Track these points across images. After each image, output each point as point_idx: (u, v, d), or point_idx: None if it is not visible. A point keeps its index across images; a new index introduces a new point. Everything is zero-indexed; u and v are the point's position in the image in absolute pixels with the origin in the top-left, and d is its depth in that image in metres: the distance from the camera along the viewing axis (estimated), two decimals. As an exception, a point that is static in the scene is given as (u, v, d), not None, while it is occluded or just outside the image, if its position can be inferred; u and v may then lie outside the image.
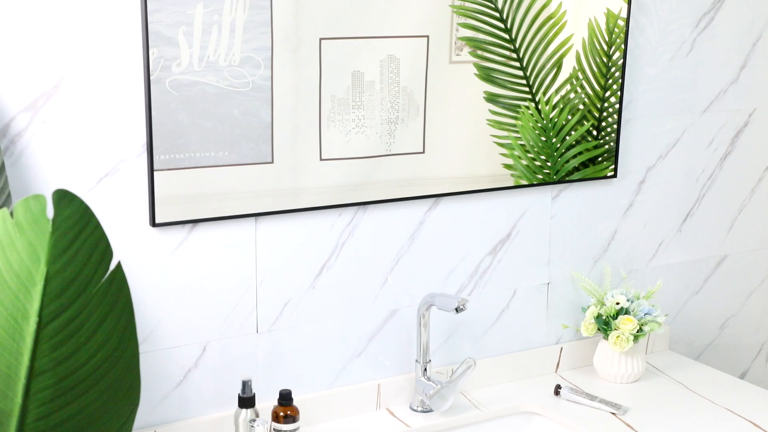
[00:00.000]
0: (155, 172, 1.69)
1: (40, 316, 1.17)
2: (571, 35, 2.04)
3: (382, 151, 1.90)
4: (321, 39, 1.80)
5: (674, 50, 2.22)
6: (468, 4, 1.92)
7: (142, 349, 1.75)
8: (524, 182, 2.06)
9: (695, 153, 2.32)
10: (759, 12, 2.31)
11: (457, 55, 1.94)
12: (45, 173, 1.62)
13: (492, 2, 1.94)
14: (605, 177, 2.17)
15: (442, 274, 2.05)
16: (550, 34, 2.01)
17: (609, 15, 2.07)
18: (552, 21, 2.01)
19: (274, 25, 1.75)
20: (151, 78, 1.66)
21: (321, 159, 1.85)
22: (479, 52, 1.95)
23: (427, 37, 1.90)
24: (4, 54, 1.57)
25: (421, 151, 1.95)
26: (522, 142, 2.04)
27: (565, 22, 2.02)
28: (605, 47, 2.09)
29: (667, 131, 2.26)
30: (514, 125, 2.02)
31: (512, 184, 2.05)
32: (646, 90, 2.21)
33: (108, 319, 1.22)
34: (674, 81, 2.24)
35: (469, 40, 1.93)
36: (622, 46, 2.10)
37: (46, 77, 1.60)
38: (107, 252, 1.19)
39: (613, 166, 2.17)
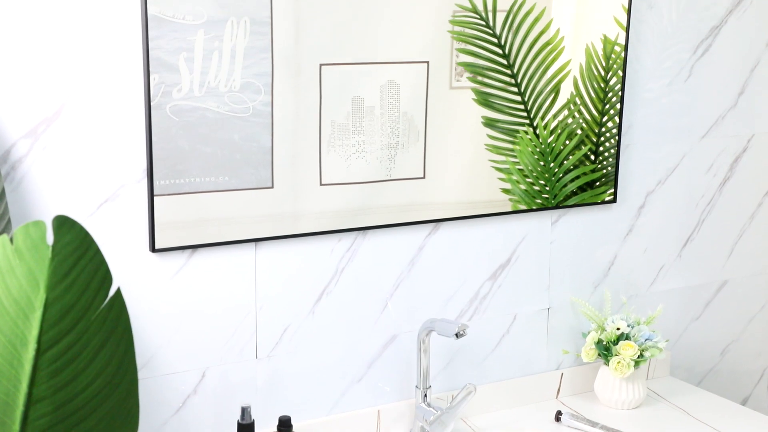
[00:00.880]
0: (155, 198, 1.69)
1: (38, 342, 1.16)
2: (569, 61, 2.05)
3: (382, 176, 1.91)
4: (321, 64, 1.81)
5: (673, 76, 2.23)
6: (467, 30, 1.93)
7: (141, 375, 1.75)
8: (523, 207, 2.06)
9: (694, 178, 2.32)
10: (756, 38, 2.33)
11: (458, 80, 1.95)
12: (45, 199, 1.63)
13: (490, 28, 1.95)
14: (605, 202, 2.17)
15: (441, 300, 2.04)
16: (548, 60, 2.02)
17: (606, 41, 2.08)
18: (550, 47, 2.02)
19: (275, 50, 1.76)
20: (151, 104, 1.66)
21: (321, 184, 1.85)
22: (478, 78, 1.96)
23: (427, 62, 1.91)
24: (6, 80, 1.57)
25: (422, 176, 1.95)
26: (520, 167, 2.04)
27: (563, 48, 2.04)
28: (602, 72, 2.10)
29: (666, 156, 2.27)
30: (512, 150, 2.03)
31: (511, 209, 2.05)
32: (645, 115, 2.21)
33: (107, 345, 1.21)
34: (673, 106, 2.25)
35: (467, 66, 1.94)
36: (619, 71, 2.12)
37: (48, 103, 1.60)
38: (107, 278, 1.19)
39: (611, 191, 2.17)
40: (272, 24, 1.74)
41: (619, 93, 2.13)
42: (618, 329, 2.10)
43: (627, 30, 2.10)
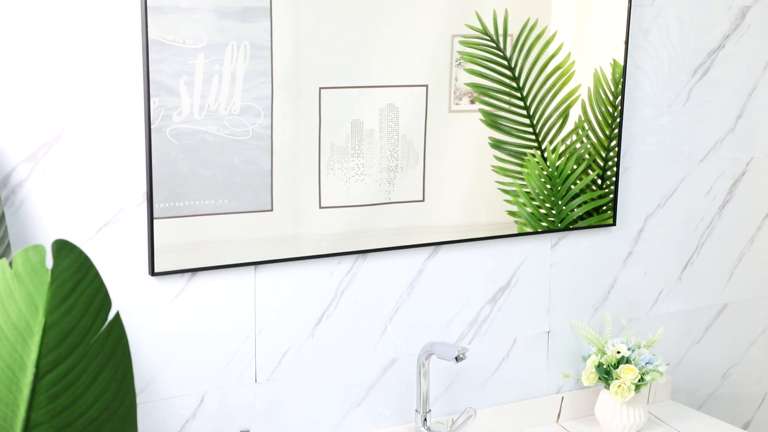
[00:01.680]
0: (155, 221, 1.69)
1: (37, 367, 1.16)
2: (579, 86, 2.05)
3: (382, 199, 1.91)
4: (321, 88, 1.81)
5: (671, 99, 2.24)
6: (475, 51, 1.94)
7: (139, 399, 1.74)
8: (529, 230, 2.06)
9: (694, 201, 2.32)
10: (754, 62, 2.34)
11: (457, 104, 1.95)
12: (45, 223, 1.62)
13: (501, 50, 1.96)
14: (604, 225, 2.17)
15: (441, 323, 2.04)
16: (559, 84, 2.03)
17: (615, 65, 2.09)
18: (561, 70, 2.03)
19: (275, 74, 1.76)
20: (152, 127, 1.67)
21: (320, 207, 1.85)
22: (485, 99, 1.96)
23: (426, 86, 1.92)
24: (7, 104, 1.58)
25: (421, 199, 1.95)
26: (527, 190, 2.04)
27: (573, 73, 2.04)
28: (611, 97, 2.10)
29: (666, 180, 2.27)
30: (520, 172, 2.03)
31: (515, 232, 2.05)
32: (643, 139, 2.22)
33: (106, 369, 1.21)
34: (672, 130, 2.25)
35: (475, 87, 1.95)
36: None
37: (48, 127, 1.61)
38: (106, 302, 1.19)
39: (613, 215, 2.17)
40: (272, 48, 1.75)
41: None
42: (618, 353, 2.09)
43: (625, 54, 2.11)
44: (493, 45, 1.94)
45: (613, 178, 2.14)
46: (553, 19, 2.01)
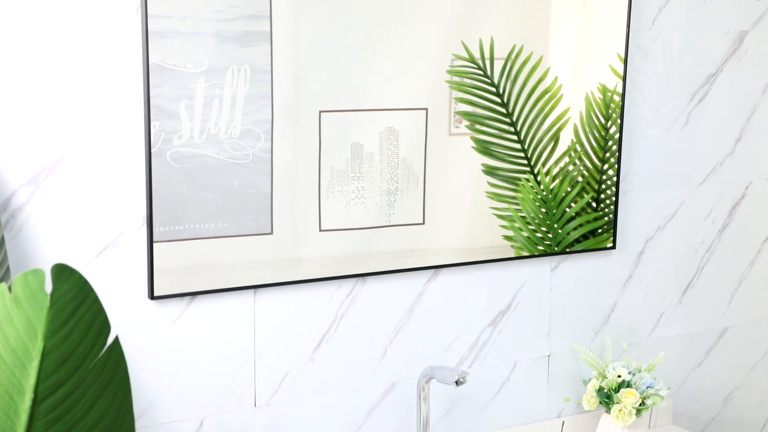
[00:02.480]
0: (154, 244, 1.69)
1: (35, 392, 1.15)
2: (568, 108, 2.06)
3: (382, 222, 1.91)
4: (321, 111, 1.82)
5: (670, 123, 2.24)
6: (464, 80, 1.95)
7: (138, 424, 1.73)
8: (526, 254, 2.06)
9: (693, 225, 2.32)
10: (753, 86, 2.35)
11: (456, 127, 1.96)
12: (45, 247, 1.62)
13: (488, 77, 1.97)
14: (604, 248, 2.17)
15: (441, 346, 2.03)
16: (547, 108, 2.04)
17: (604, 90, 2.10)
18: (548, 95, 2.04)
19: (275, 98, 1.77)
20: (152, 151, 1.67)
21: (320, 230, 1.85)
22: (477, 126, 1.97)
23: (426, 109, 1.92)
24: (8, 129, 1.58)
25: (421, 222, 1.95)
26: (522, 214, 2.05)
27: (561, 96, 2.05)
28: (602, 120, 2.11)
29: (665, 203, 2.27)
30: (514, 197, 2.03)
31: (510, 256, 2.05)
32: (643, 162, 2.22)
33: (104, 395, 1.20)
34: (671, 153, 2.26)
35: (466, 115, 1.96)
36: (618, 120, 2.13)
37: (49, 151, 1.61)
38: (105, 326, 1.18)
39: (612, 238, 2.17)
40: (272, 72, 1.76)
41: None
42: (619, 376, 2.08)
43: (624, 78, 2.12)
44: (481, 72, 1.95)
45: (607, 201, 2.15)
46: (549, 47, 2.02)
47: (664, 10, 2.18)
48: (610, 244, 2.17)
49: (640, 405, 2.06)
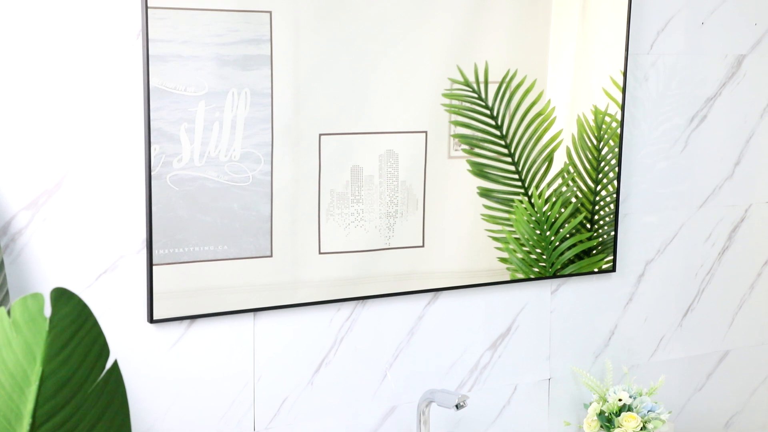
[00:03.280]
0: (154, 267, 1.69)
1: (33, 416, 1.14)
2: (561, 131, 2.07)
3: (382, 244, 1.91)
4: (321, 134, 1.82)
5: (669, 146, 2.25)
6: (462, 103, 1.95)
7: (136, 448, 1.72)
8: (520, 276, 2.06)
9: (693, 247, 2.32)
10: (751, 110, 2.35)
11: (456, 150, 1.96)
12: (44, 270, 1.62)
13: (483, 100, 1.97)
14: (603, 271, 2.17)
15: (441, 370, 2.02)
16: (540, 130, 2.05)
17: (596, 111, 2.11)
18: (542, 117, 2.04)
19: (275, 121, 1.77)
20: (152, 174, 1.67)
21: (320, 253, 1.85)
22: (473, 149, 1.97)
23: (426, 132, 1.93)
24: (8, 152, 1.58)
25: (421, 244, 1.95)
26: (517, 236, 2.05)
27: (555, 118, 2.06)
28: (594, 142, 2.12)
29: (665, 226, 2.27)
30: (509, 219, 2.03)
31: (509, 278, 2.04)
32: (642, 185, 2.23)
33: (103, 419, 1.20)
34: (670, 176, 2.26)
35: (462, 138, 1.96)
36: (611, 141, 2.13)
37: (49, 175, 1.61)
38: (104, 351, 1.18)
39: (609, 258, 2.17)
40: (272, 95, 1.76)
41: (612, 162, 2.14)
42: (620, 400, 2.08)
43: (623, 101, 2.12)
44: (476, 95, 1.96)
45: (601, 222, 2.15)
46: (548, 70, 2.03)
47: (663, 34, 2.19)
48: (607, 265, 2.17)
49: (641, 429, 2.05)
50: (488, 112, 1.98)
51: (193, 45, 1.68)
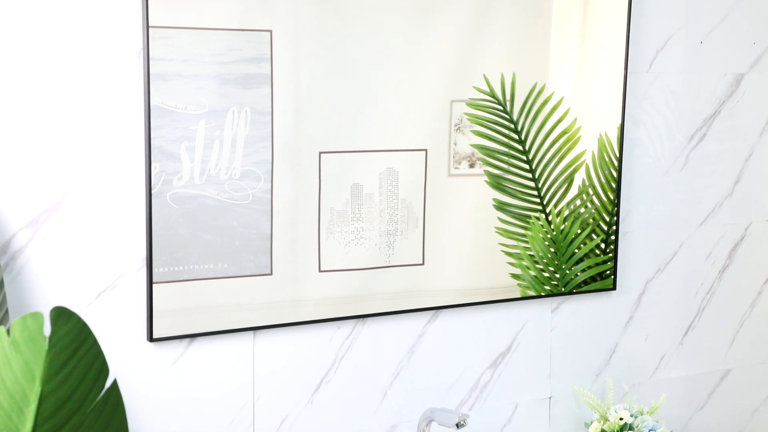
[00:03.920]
0: (154, 285, 1.68)
1: (32, 436, 1.14)
2: (584, 151, 2.07)
3: (382, 262, 1.90)
4: (321, 152, 1.82)
5: (669, 164, 2.25)
6: (481, 113, 1.95)
7: (134, 467, 1.71)
8: (532, 293, 2.06)
9: (694, 266, 2.32)
10: (750, 128, 2.36)
11: (456, 168, 1.96)
12: (44, 289, 1.62)
13: (507, 113, 1.98)
14: (605, 289, 2.16)
15: (442, 388, 2.02)
16: (564, 149, 2.05)
17: (619, 131, 2.11)
18: (566, 135, 2.05)
19: (275, 139, 1.78)
20: (152, 192, 1.67)
21: (320, 271, 1.85)
22: (490, 160, 1.98)
23: (425, 150, 1.93)
24: (8, 171, 1.58)
25: (421, 262, 1.95)
26: (531, 253, 2.04)
27: (579, 138, 2.06)
28: (615, 162, 2.12)
29: (665, 244, 2.27)
30: (524, 235, 2.03)
31: (518, 295, 2.04)
32: (642, 203, 2.23)
33: (102, 439, 1.19)
34: (671, 194, 2.26)
35: (481, 148, 1.96)
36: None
37: (49, 193, 1.61)
38: (103, 370, 1.18)
39: (612, 278, 2.16)
40: (273, 113, 1.77)
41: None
42: (621, 419, 2.07)
43: (622, 120, 2.13)
44: (500, 107, 1.97)
45: (613, 245, 2.15)
46: (558, 85, 2.03)
47: (662, 53, 2.20)
48: (610, 286, 2.17)
49: (642, 448, 2.04)
50: (512, 125, 1.98)
51: (193, 64, 1.68)
